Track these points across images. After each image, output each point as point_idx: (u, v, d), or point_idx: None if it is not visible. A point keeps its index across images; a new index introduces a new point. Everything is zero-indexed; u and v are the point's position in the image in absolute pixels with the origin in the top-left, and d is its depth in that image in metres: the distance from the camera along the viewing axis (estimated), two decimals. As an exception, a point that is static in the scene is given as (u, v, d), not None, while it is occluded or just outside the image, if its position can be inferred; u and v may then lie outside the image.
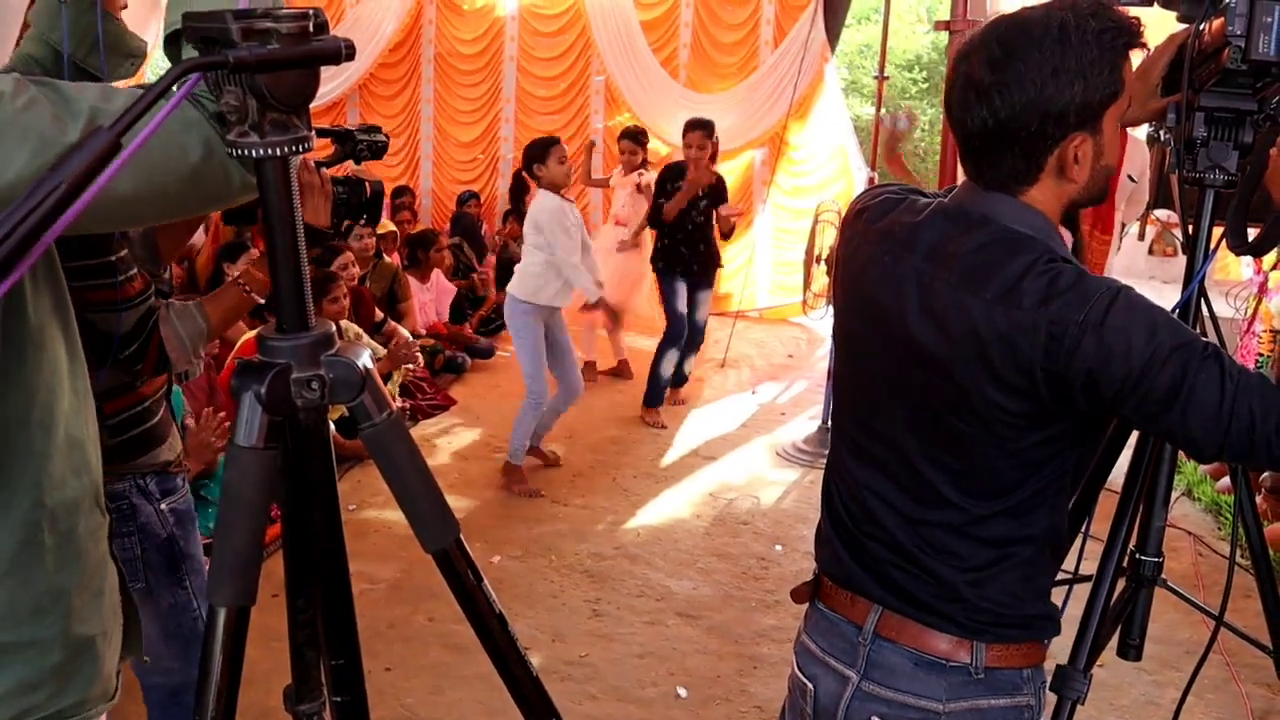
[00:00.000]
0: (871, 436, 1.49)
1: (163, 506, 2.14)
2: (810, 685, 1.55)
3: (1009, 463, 1.38)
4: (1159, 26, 1.67)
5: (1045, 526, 1.43)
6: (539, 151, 4.83)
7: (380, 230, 6.77)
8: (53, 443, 1.22)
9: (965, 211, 1.41)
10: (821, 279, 5.62)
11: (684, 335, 5.93)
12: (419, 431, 5.67)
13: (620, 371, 6.72)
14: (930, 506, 1.42)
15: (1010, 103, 1.32)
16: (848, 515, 1.53)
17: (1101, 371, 1.26)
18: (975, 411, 1.35)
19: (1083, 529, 2.06)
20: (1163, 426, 1.31)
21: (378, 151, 1.84)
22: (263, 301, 2.28)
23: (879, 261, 1.46)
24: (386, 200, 8.78)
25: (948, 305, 1.36)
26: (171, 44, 1.10)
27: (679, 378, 6.21)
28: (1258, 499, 4.31)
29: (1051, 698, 1.73)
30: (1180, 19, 1.76)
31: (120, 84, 1.52)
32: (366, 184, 1.96)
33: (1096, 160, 1.37)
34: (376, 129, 1.82)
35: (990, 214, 1.38)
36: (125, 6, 1.78)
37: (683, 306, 5.89)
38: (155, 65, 8.03)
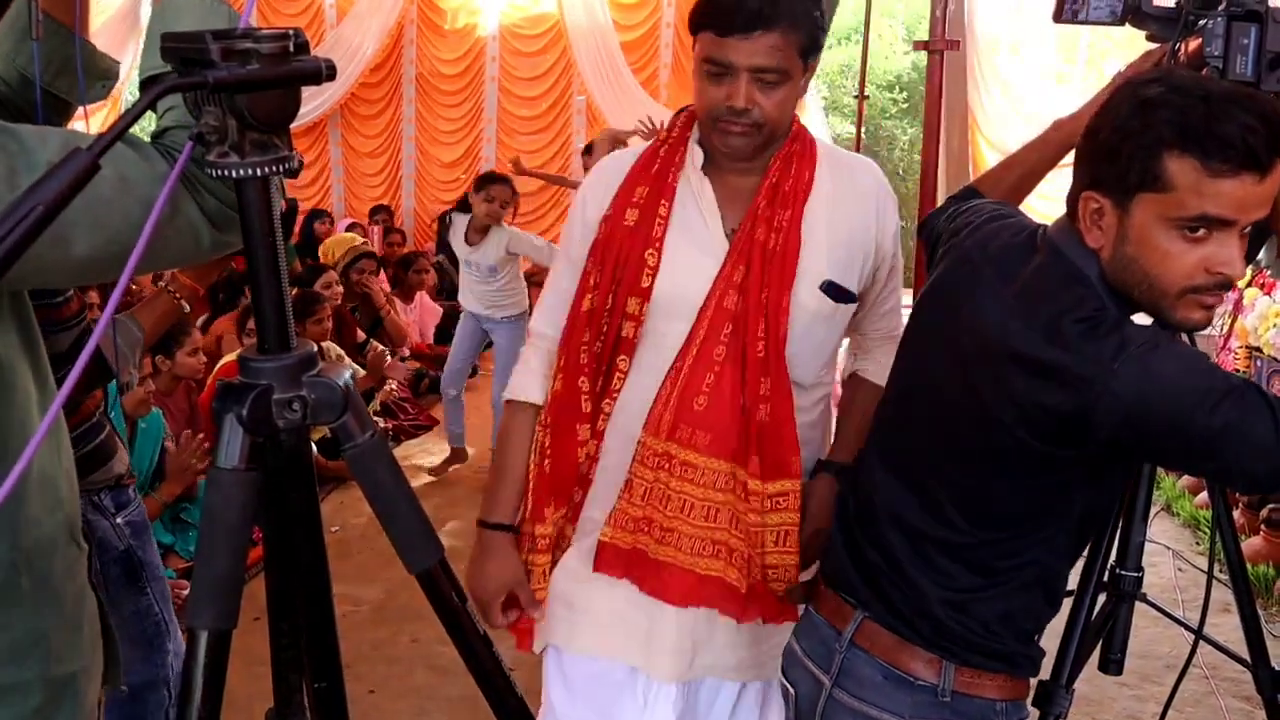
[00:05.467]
0: (897, 430, 1.51)
1: (118, 520, 2.16)
2: (792, 690, 1.56)
3: (1015, 497, 1.37)
4: (1129, 43, 1.69)
5: (1038, 565, 1.42)
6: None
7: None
8: (25, 483, 1.19)
9: (1047, 239, 1.39)
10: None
11: None
12: (401, 451, 5.64)
13: None
14: (932, 520, 1.42)
15: (1087, 131, 1.32)
16: (855, 514, 1.53)
17: (1141, 418, 1.24)
18: (995, 439, 1.34)
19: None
20: (1212, 467, 1.30)
21: (292, 171, 1.86)
22: (189, 307, 2.33)
23: (959, 272, 1.47)
24: (378, 229, 8.75)
25: (993, 318, 1.35)
26: (147, 89, 1.09)
27: None
28: (1235, 514, 4.33)
29: (1033, 712, 1.73)
30: (1149, 38, 1.77)
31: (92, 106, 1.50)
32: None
33: (1120, 241, 1.28)
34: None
35: (1060, 246, 1.36)
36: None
37: None
38: (134, 86, 8.00)
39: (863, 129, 6.03)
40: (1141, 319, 1.34)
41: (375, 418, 5.68)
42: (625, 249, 1.65)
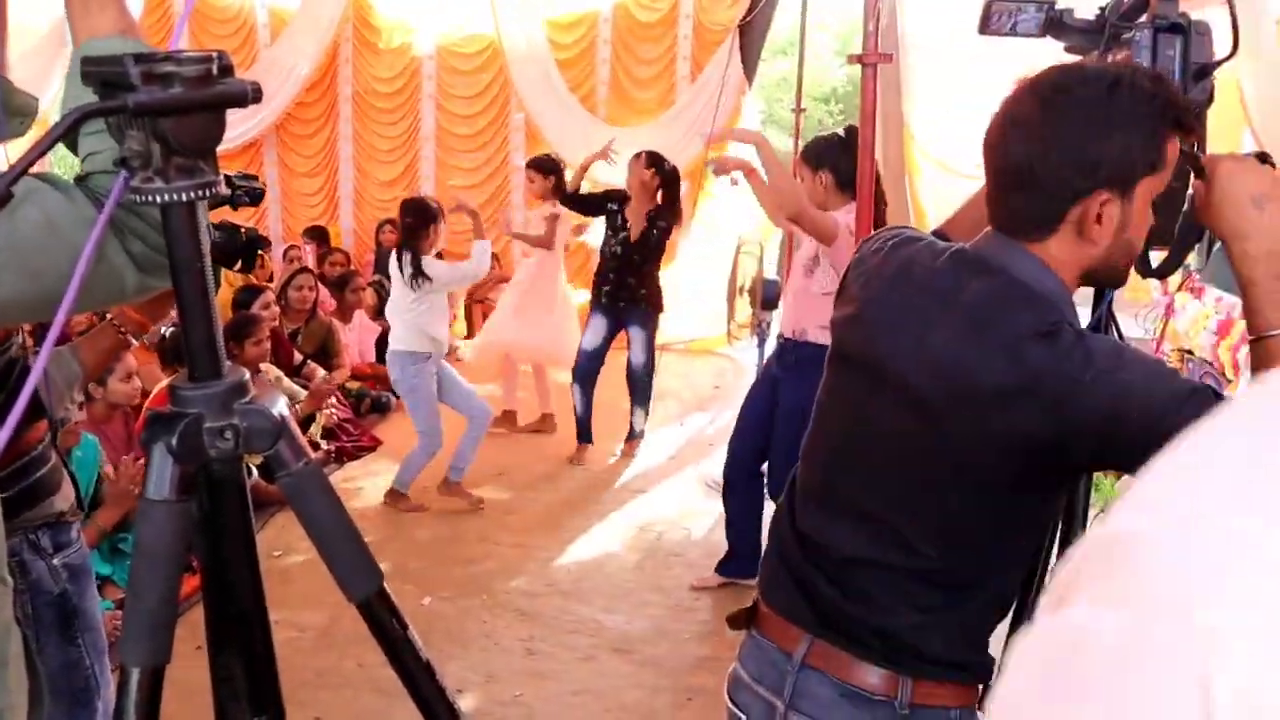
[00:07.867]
0: (843, 471, 1.48)
1: (55, 561, 2.05)
2: (743, 715, 1.54)
3: (989, 520, 1.38)
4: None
5: (1005, 576, 1.44)
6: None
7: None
8: None
9: (981, 259, 1.39)
10: (745, 310, 5.66)
11: (584, 371, 5.77)
12: (345, 473, 5.57)
13: (543, 428, 6.34)
14: (897, 552, 1.41)
15: (1048, 141, 1.30)
16: (799, 547, 1.51)
17: (1115, 427, 1.25)
18: (961, 466, 1.34)
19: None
20: None
21: (256, 198, 1.85)
22: (136, 342, 2.26)
23: (886, 301, 1.45)
24: (311, 247, 8.63)
25: (948, 354, 1.34)
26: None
27: (632, 432, 6.00)
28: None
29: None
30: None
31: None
32: (241, 230, 1.95)
33: (1121, 230, 1.33)
34: (253, 177, 1.84)
35: (1005, 264, 1.36)
36: None
37: (591, 343, 5.79)
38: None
39: (799, 142, 6.08)
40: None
41: (319, 440, 5.61)
42: None
